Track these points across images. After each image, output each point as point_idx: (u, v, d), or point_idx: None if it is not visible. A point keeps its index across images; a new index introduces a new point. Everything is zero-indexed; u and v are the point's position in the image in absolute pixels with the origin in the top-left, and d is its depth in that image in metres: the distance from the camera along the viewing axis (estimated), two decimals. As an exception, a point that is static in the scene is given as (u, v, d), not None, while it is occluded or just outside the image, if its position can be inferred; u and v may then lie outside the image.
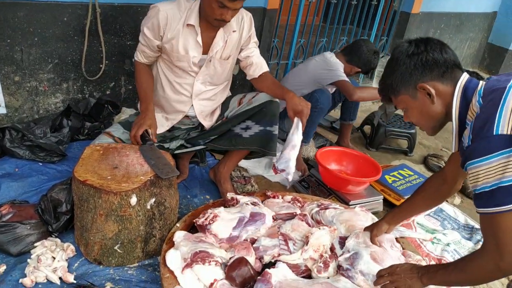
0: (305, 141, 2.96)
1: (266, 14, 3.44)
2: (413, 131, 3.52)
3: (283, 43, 3.86)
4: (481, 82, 1.39)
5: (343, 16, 4.17)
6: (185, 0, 2.10)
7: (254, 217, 1.93)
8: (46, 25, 2.51)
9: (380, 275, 1.56)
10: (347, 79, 2.87)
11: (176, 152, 2.31)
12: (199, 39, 2.11)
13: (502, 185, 1.18)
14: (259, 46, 2.38)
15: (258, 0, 3.38)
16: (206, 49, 2.17)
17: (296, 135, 2.09)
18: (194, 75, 2.21)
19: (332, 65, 2.94)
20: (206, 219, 1.89)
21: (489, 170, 1.20)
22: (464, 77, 1.42)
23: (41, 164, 2.39)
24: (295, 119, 2.12)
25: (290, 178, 2.09)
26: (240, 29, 2.22)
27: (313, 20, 4.14)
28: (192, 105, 2.27)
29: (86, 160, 1.89)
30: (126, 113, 2.86)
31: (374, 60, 3.00)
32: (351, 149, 2.95)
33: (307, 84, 2.95)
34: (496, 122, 1.20)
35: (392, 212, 1.91)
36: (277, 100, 2.23)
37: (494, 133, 1.19)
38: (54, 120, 2.60)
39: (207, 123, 2.34)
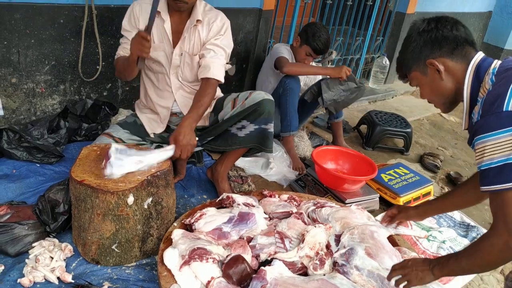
0: (292, 130, 3.02)
1: (262, 15, 3.46)
2: (409, 130, 3.54)
3: (279, 44, 3.88)
4: (495, 61, 1.40)
5: (338, 16, 4.20)
6: None
7: (243, 217, 1.95)
8: (42, 27, 2.52)
9: (393, 269, 1.56)
10: (285, 56, 3.01)
11: None
12: (167, 26, 2.14)
13: (510, 162, 1.18)
14: (255, 47, 2.39)
15: (253, 1, 3.40)
16: (175, 40, 2.19)
17: (154, 155, 1.91)
18: (166, 68, 2.23)
19: (274, 50, 3.14)
20: (192, 218, 1.93)
21: (495, 146, 1.20)
22: (479, 56, 1.42)
23: (38, 165, 2.40)
24: (170, 145, 1.99)
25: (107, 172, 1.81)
26: (209, 28, 2.19)
27: (309, 21, 4.16)
28: (175, 100, 2.29)
29: (83, 161, 1.90)
30: (123, 114, 2.87)
31: (319, 33, 3.00)
32: (347, 148, 2.97)
33: (269, 75, 3.19)
34: (507, 98, 1.20)
35: (425, 204, 1.92)
36: (271, 98, 2.22)
37: (504, 109, 1.19)
38: (51, 121, 2.61)
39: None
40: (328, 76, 3.03)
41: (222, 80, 2.19)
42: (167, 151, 1.95)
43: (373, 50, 4.92)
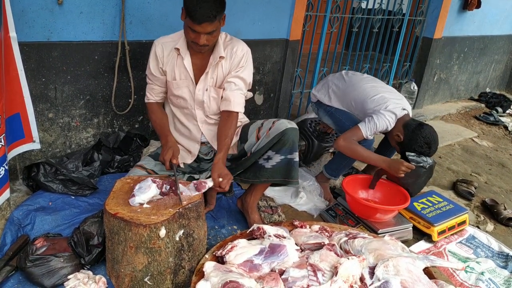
0: (335, 176, 2.97)
1: (289, 45, 3.51)
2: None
3: (306, 72, 3.92)
4: None
5: (365, 43, 4.21)
6: (179, 32, 2.21)
7: (274, 249, 1.93)
8: (78, 63, 2.63)
9: None
10: (364, 128, 2.65)
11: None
12: (186, 62, 2.18)
13: None
14: (282, 76, 2.41)
15: (280, 32, 3.45)
16: (197, 75, 2.23)
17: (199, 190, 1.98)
18: (191, 104, 2.27)
19: (380, 107, 2.69)
20: (223, 250, 1.93)
21: None
22: None
23: (73, 197, 2.46)
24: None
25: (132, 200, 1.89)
26: (231, 60, 2.22)
27: (335, 48, 4.20)
28: (202, 133, 2.33)
29: (117, 193, 1.94)
30: (154, 145, 2.93)
31: (420, 148, 2.57)
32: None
33: (358, 111, 2.87)
34: None
35: None
36: (296, 126, 2.23)
37: None
38: (85, 154, 2.68)
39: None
40: None
41: (242, 111, 2.27)
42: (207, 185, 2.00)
43: (401, 75, 4.90)
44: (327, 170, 2.97)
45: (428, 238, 2.60)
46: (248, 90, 2.35)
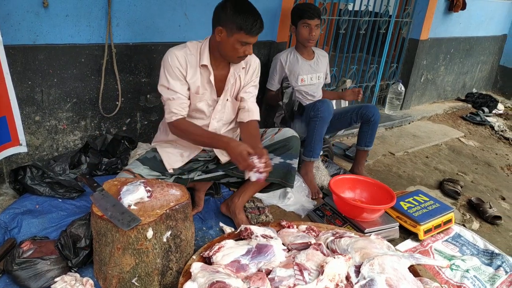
0: (313, 156, 3.03)
1: (276, 47, 3.53)
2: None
3: (293, 74, 3.93)
4: None
5: (352, 45, 4.25)
6: (191, 43, 2.22)
7: (261, 249, 1.95)
8: (65, 66, 2.62)
9: None
10: (269, 86, 3.27)
11: (196, 179, 2.38)
12: (212, 78, 2.22)
13: None
14: (266, 79, 2.46)
15: (267, 35, 3.47)
16: (218, 87, 2.26)
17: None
18: (210, 114, 2.30)
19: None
20: (210, 251, 1.94)
21: None
22: None
23: (60, 200, 2.45)
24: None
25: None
26: (247, 71, 2.34)
27: (323, 49, 4.21)
28: None
29: (103, 196, 1.94)
30: (142, 148, 2.93)
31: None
32: (364, 177, 2.96)
33: None
34: None
35: None
36: (298, 136, 2.34)
37: None
38: (72, 157, 2.68)
39: (224, 158, 2.39)
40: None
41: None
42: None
43: (388, 76, 4.94)
44: (305, 153, 3.03)
45: (414, 237, 2.63)
46: None
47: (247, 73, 2.35)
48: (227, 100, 2.32)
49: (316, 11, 3.04)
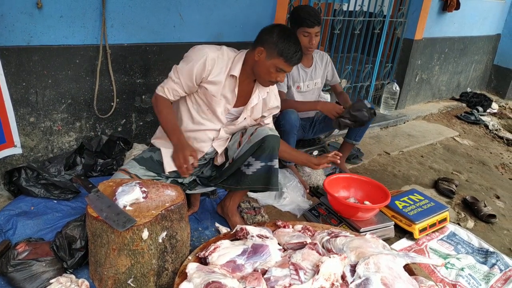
0: (289, 161, 3.08)
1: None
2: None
3: (289, 74, 3.94)
4: None
5: (347, 45, 4.26)
6: (228, 49, 2.23)
7: (257, 249, 1.95)
8: (59, 67, 2.62)
9: None
10: (279, 88, 2.96)
11: (189, 192, 2.38)
12: (237, 90, 2.23)
13: None
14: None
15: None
16: (239, 100, 2.28)
17: None
18: (223, 123, 2.30)
19: None
20: (206, 251, 1.94)
21: None
22: None
23: (55, 201, 2.44)
24: None
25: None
26: (270, 94, 2.39)
27: (318, 49, 4.23)
28: (212, 146, 2.35)
29: (99, 197, 1.94)
30: (138, 148, 2.93)
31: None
32: (359, 175, 2.96)
33: None
34: None
35: None
36: (276, 133, 2.27)
37: None
38: (68, 158, 2.67)
39: (220, 159, 2.41)
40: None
41: None
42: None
43: (383, 76, 4.96)
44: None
45: (409, 236, 2.64)
46: None
47: (270, 96, 2.40)
48: (244, 118, 2.33)
49: (316, 18, 2.91)
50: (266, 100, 2.39)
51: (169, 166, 2.31)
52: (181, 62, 2.17)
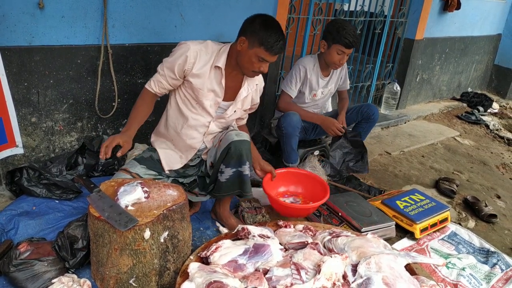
0: (291, 162, 3.12)
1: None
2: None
3: (289, 74, 3.94)
4: None
5: (347, 45, 4.25)
6: (212, 43, 2.24)
7: (258, 249, 1.96)
8: (61, 67, 2.62)
9: None
10: (284, 87, 3.10)
11: (193, 191, 2.40)
12: (223, 81, 2.23)
13: None
14: (266, 79, 2.49)
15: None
16: (228, 94, 2.28)
17: None
18: (212, 116, 2.30)
19: (292, 71, 3.14)
20: (208, 251, 1.94)
21: None
22: None
23: (57, 201, 2.45)
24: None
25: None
26: (257, 87, 2.44)
27: (319, 50, 4.23)
28: (203, 141, 2.35)
29: (100, 196, 1.94)
30: (139, 148, 2.91)
31: (343, 27, 2.86)
32: (295, 169, 2.93)
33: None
34: None
35: None
36: (244, 138, 2.22)
37: None
38: (69, 158, 2.68)
39: (204, 156, 2.44)
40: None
41: None
42: None
43: (384, 76, 4.96)
44: (284, 159, 3.15)
45: (411, 235, 2.65)
46: None
47: (257, 89, 2.43)
48: (235, 111, 2.35)
49: (356, 42, 2.89)
50: (253, 96, 2.42)
51: (168, 165, 2.35)
52: (168, 58, 2.22)
